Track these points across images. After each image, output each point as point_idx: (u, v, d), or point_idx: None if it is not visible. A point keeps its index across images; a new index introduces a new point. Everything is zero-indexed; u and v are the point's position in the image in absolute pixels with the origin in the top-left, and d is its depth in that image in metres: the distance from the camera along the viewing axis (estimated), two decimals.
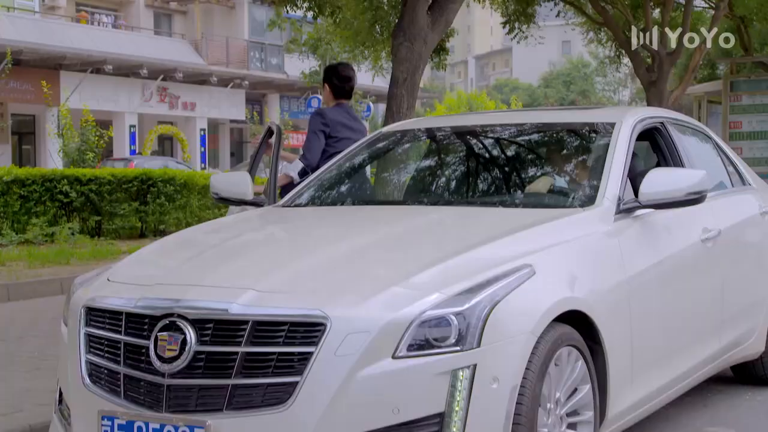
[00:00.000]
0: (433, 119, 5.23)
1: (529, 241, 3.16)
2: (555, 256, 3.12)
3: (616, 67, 23.00)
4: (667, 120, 4.45)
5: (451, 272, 2.84)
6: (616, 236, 3.48)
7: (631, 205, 3.62)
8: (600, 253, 3.35)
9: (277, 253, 3.29)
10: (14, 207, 11.85)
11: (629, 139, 3.90)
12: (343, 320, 2.63)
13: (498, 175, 4.40)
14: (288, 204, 4.32)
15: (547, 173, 4.17)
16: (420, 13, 9.09)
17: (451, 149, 4.75)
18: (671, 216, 3.84)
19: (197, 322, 2.75)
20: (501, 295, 2.75)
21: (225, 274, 3.02)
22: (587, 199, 3.63)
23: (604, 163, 3.74)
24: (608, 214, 3.51)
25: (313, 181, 4.49)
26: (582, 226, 3.41)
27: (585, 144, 4.22)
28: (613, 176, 3.66)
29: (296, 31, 29.75)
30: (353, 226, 3.66)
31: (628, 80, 56.53)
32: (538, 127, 4.43)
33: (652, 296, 3.56)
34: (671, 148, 4.29)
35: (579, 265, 3.18)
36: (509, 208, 3.78)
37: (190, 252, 3.44)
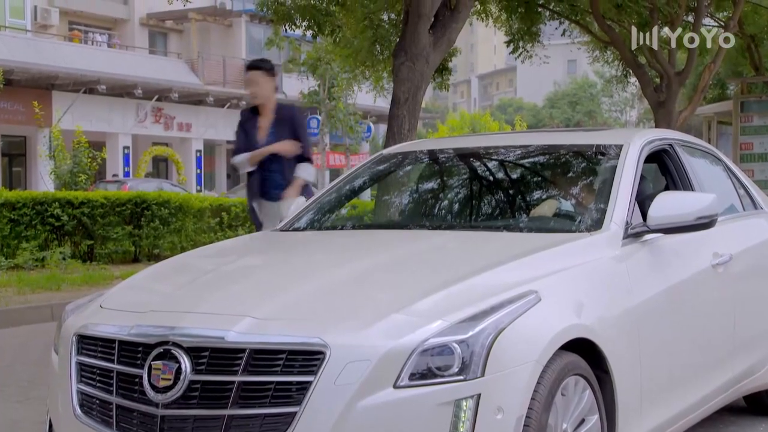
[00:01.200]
0: (436, 141, 5.25)
1: (535, 266, 3.16)
2: (561, 282, 3.12)
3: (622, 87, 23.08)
4: (676, 142, 4.47)
5: (454, 299, 2.83)
6: (624, 261, 3.47)
7: (640, 230, 3.62)
8: (607, 279, 3.35)
9: (275, 279, 3.28)
10: (4, 231, 11.86)
11: (637, 161, 3.91)
12: (342, 348, 2.62)
13: (502, 198, 4.41)
14: (286, 228, 4.34)
15: (553, 197, 4.18)
16: (422, 32, 9.14)
17: (453, 172, 4.76)
18: (681, 241, 3.84)
19: (192, 350, 2.75)
20: (506, 322, 2.74)
21: (221, 301, 3.01)
22: (594, 223, 3.63)
23: (611, 187, 3.74)
24: (616, 238, 3.51)
25: (312, 204, 4.51)
26: (589, 251, 3.41)
27: (591, 167, 4.22)
28: (620, 200, 3.66)
29: (295, 50, 29.91)
30: (353, 251, 3.67)
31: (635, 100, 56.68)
32: (544, 149, 4.44)
33: (661, 323, 3.55)
34: (680, 170, 4.30)
35: (586, 292, 3.18)
36: (514, 232, 3.78)
37: (185, 278, 3.45)
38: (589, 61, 22.72)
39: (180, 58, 34.33)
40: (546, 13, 15.72)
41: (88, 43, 32.35)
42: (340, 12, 13.30)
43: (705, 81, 15.74)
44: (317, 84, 32.15)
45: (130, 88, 29.14)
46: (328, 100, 32.15)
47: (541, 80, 75.55)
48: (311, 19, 13.04)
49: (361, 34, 13.93)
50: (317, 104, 32.50)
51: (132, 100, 30.14)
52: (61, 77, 27.39)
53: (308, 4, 13.03)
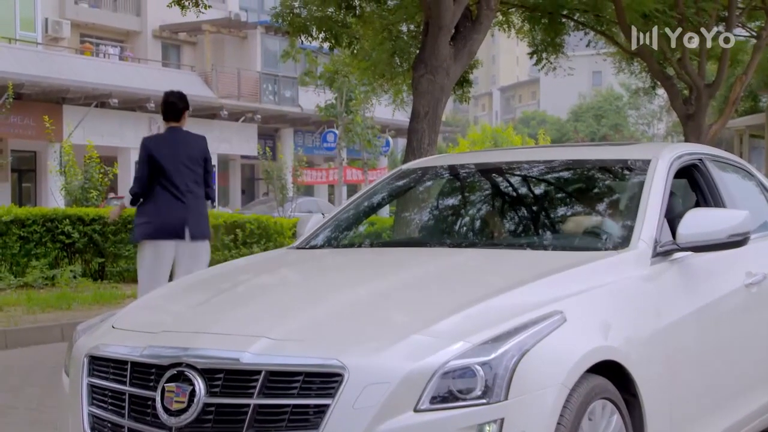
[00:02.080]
0: (457, 156, 5.27)
1: (560, 286, 3.15)
2: (587, 302, 3.11)
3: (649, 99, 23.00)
4: (707, 156, 4.45)
5: (477, 319, 2.83)
6: (653, 281, 3.47)
7: (669, 248, 3.61)
8: (636, 299, 3.33)
9: (292, 298, 3.30)
10: (13, 249, 11.94)
11: (666, 176, 3.91)
12: (361, 370, 2.62)
13: (525, 215, 4.41)
14: (303, 245, 4.36)
15: (579, 213, 4.18)
16: (442, 44, 9.17)
17: (475, 188, 4.77)
18: (712, 259, 3.82)
19: (207, 372, 2.75)
20: (530, 343, 2.73)
21: (236, 321, 3.02)
22: (621, 241, 3.62)
23: (639, 203, 3.74)
24: (644, 257, 3.50)
25: (330, 221, 4.52)
26: (616, 269, 3.40)
27: (618, 182, 4.22)
28: (649, 217, 3.65)
29: (311, 62, 30.06)
30: (372, 270, 3.68)
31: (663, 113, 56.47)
32: (569, 164, 4.44)
33: (692, 345, 3.53)
34: (711, 186, 4.29)
35: (613, 312, 3.17)
36: (538, 250, 3.79)
37: (199, 297, 3.46)
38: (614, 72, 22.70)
39: (193, 71, 34.56)
40: (570, 24, 15.72)
41: (99, 55, 32.64)
42: (357, 23, 13.36)
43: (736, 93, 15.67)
44: (334, 97, 32.25)
45: (143, 102, 29.36)
46: (346, 113, 32.24)
47: (565, 92, 75.46)
48: (328, 30, 13.10)
49: (379, 46, 13.98)
50: (334, 118, 32.60)
51: (144, 114, 30.35)
52: (72, 91, 27.63)
53: (325, 15, 13.09)
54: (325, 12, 13.12)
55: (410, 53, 13.68)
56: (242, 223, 14.33)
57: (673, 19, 13.97)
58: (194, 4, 11.83)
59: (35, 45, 29.52)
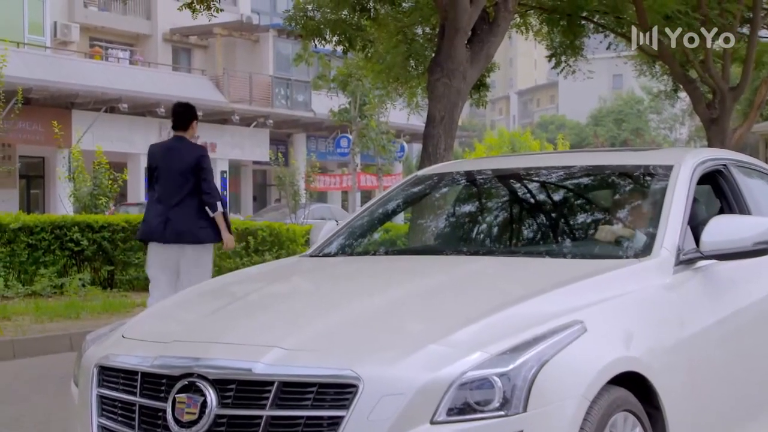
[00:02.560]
0: (473, 162, 5.27)
1: (580, 295, 3.15)
2: (608, 312, 3.10)
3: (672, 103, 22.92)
4: (731, 162, 4.45)
5: (495, 329, 2.82)
6: (676, 290, 3.46)
7: (692, 256, 3.61)
8: (658, 309, 3.33)
9: (306, 308, 3.31)
10: (21, 256, 12.00)
11: (689, 182, 3.91)
12: (376, 381, 2.63)
13: (544, 222, 4.41)
14: (317, 253, 4.37)
15: (599, 221, 4.16)
16: (458, 47, 9.18)
17: (492, 194, 4.78)
18: (737, 268, 3.82)
19: (218, 382, 2.76)
20: (549, 354, 2.73)
21: (249, 330, 3.03)
22: (643, 249, 3.62)
23: (662, 210, 3.73)
24: (667, 265, 3.50)
25: (343, 228, 4.53)
26: (638, 278, 3.40)
27: (640, 189, 4.21)
28: (671, 224, 3.65)
29: (324, 66, 30.16)
30: (387, 278, 3.69)
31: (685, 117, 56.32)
32: (588, 170, 4.44)
33: (716, 356, 3.52)
34: (736, 192, 4.29)
35: (635, 322, 3.16)
36: (557, 258, 3.78)
37: (211, 305, 3.47)
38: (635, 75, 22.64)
39: (204, 75, 34.70)
40: (590, 26, 15.70)
41: (109, 60, 32.81)
42: (372, 26, 13.38)
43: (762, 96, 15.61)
44: (348, 101, 32.32)
45: (153, 107, 29.49)
46: (360, 118, 32.30)
47: (584, 96, 75.33)
48: (342, 33, 13.13)
49: (394, 49, 14.01)
50: (348, 123, 32.67)
51: (154, 119, 30.48)
52: (81, 96, 27.79)
53: (338, 18, 13.12)
54: (339, 15, 13.15)
55: (425, 56, 13.69)
56: (254, 230, 14.35)
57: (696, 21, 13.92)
58: (206, 7, 11.89)
59: (44, 49, 29.71)
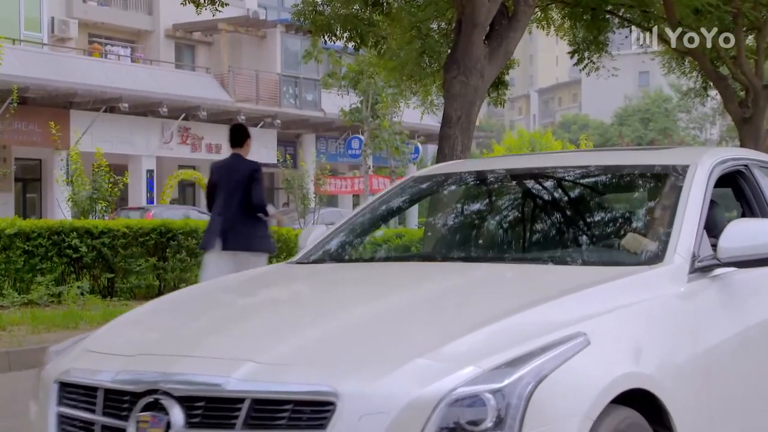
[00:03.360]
0: (475, 162, 5.20)
1: (585, 304, 3.05)
2: (615, 323, 3.00)
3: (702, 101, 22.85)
4: (753, 162, 4.34)
5: (490, 341, 2.73)
6: (691, 299, 3.35)
7: (709, 263, 3.50)
8: (671, 320, 3.22)
9: (285, 319, 3.20)
10: (17, 264, 12.04)
11: (706, 184, 3.79)
12: (357, 398, 2.54)
13: (550, 227, 4.34)
14: (304, 260, 4.29)
15: (609, 225, 4.11)
16: (476, 43, 9.16)
17: (494, 197, 4.70)
18: (758, 276, 3.72)
19: (186, 399, 2.67)
20: (548, 369, 2.64)
21: (221, 343, 2.93)
22: (655, 255, 3.50)
23: (675, 213, 3.62)
24: (681, 273, 3.39)
25: (333, 233, 4.45)
26: (649, 287, 3.29)
27: (653, 190, 4.12)
28: (686, 228, 3.54)
29: (335, 63, 30.18)
30: (376, 287, 3.62)
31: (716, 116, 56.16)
32: (598, 171, 4.35)
33: (734, 373, 3.44)
34: (758, 195, 4.18)
35: (644, 334, 3.05)
36: (561, 265, 3.68)
37: (184, 316, 3.39)
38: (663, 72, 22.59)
39: (209, 73, 34.79)
40: (614, 20, 15.67)
41: (109, 57, 32.94)
42: (384, 21, 13.40)
43: None
44: (359, 100, 32.34)
45: (155, 106, 29.56)
46: (372, 118, 32.32)
47: (608, 94, 75.18)
48: (353, 29, 13.15)
49: (407, 45, 14.03)
50: (359, 122, 32.68)
51: (156, 119, 30.57)
52: (79, 95, 27.88)
53: (350, 13, 13.14)
54: (350, 9, 13.17)
55: (441, 53, 13.70)
56: None
57: (728, 14, 13.88)
58: (210, 1, 11.92)
59: (41, 46, 29.83)
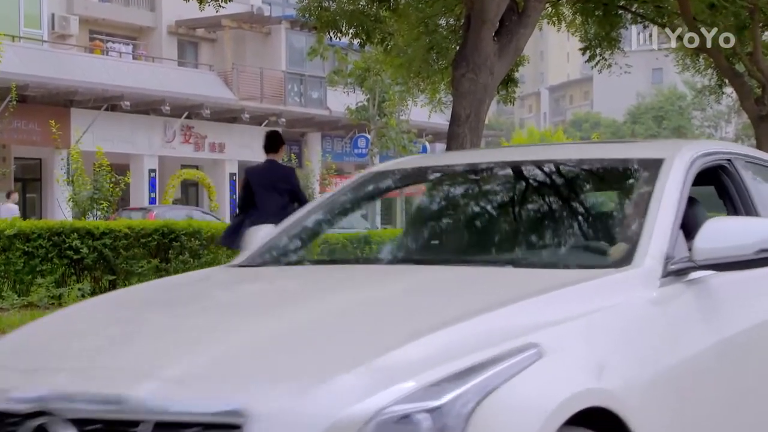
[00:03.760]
0: (435, 156, 4.98)
1: (540, 311, 2.79)
2: (574, 333, 2.74)
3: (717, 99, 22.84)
4: (738, 157, 4.09)
5: (429, 353, 2.46)
6: (663, 306, 3.09)
7: (684, 266, 3.23)
8: (639, 329, 2.95)
9: (204, 328, 2.90)
10: (17, 265, 12.08)
11: (683, 179, 3.54)
12: (272, 419, 2.30)
13: (510, 226, 4.07)
14: (245, 263, 3.99)
15: (573, 223, 3.91)
16: (485, 40, 9.17)
17: (453, 194, 4.49)
18: (740, 280, 3.47)
19: (78, 423, 2.41)
20: (493, 385, 2.39)
21: (126, 357, 2.66)
22: (624, 257, 3.24)
23: (647, 211, 3.37)
24: (652, 276, 3.13)
25: (281, 233, 4.18)
26: (615, 292, 3.03)
27: (624, 186, 3.89)
28: (659, 228, 3.28)
29: (341, 60, 30.19)
30: (312, 293, 3.35)
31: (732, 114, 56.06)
32: (566, 165, 4.12)
33: (713, 388, 3.16)
34: (742, 192, 3.94)
35: (608, 345, 2.80)
36: (520, 267, 3.43)
37: (97, 323, 3.15)
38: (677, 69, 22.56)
39: (212, 71, 34.85)
40: (627, 16, 15.66)
41: (110, 54, 33.00)
42: (391, 17, 13.42)
43: None
44: (366, 98, 32.37)
45: (157, 105, 29.62)
46: (378, 116, 32.35)
47: (621, 92, 75.11)
48: (359, 25, 13.17)
49: (415, 42, 14.04)
50: (366, 121, 32.71)
51: (159, 118, 30.62)
52: (80, 93, 27.94)
53: (356, 8, 13.17)
54: (356, 5, 13.20)
55: (449, 49, 13.71)
56: None
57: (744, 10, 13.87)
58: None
59: (41, 43, 29.91)
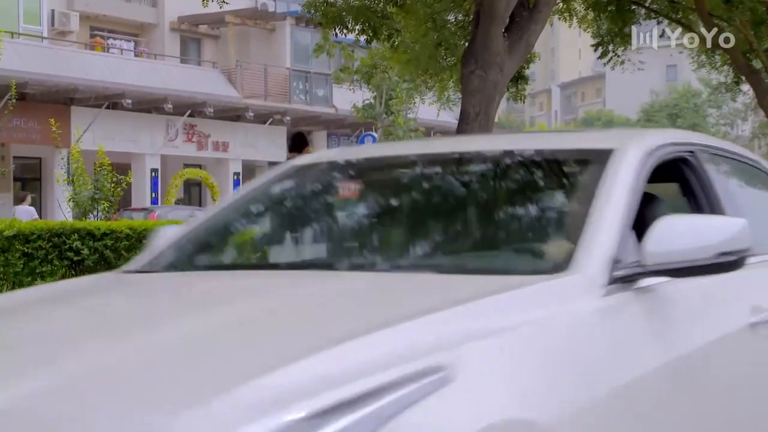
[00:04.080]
0: (358, 149, 4.49)
1: (456, 325, 2.33)
2: (495, 351, 2.30)
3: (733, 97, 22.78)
4: (702, 149, 3.68)
5: (312, 378, 2.01)
6: (606, 318, 2.68)
7: (632, 271, 2.80)
8: (575, 346, 2.53)
9: (47, 349, 2.41)
10: (16, 266, 12.09)
11: (636, 173, 3.12)
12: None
13: (434, 227, 3.60)
14: (141, 268, 3.57)
15: (506, 223, 3.52)
16: (495, 36, 9.15)
17: (372, 191, 4.05)
18: (699, 288, 3.05)
19: None
20: (387, 415, 1.98)
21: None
22: (562, 260, 2.80)
23: (591, 208, 2.95)
24: (593, 283, 2.70)
25: (185, 235, 3.76)
26: (548, 302, 2.60)
27: (567, 181, 3.53)
28: (604, 227, 2.85)
29: (347, 57, 30.21)
30: (193, 306, 2.87)
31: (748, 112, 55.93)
32: (498, 157, 3.68)
33: (664, 416, 2.75)
34: (707, 188, 3.53)
35: (536, 365, 2.36)
36: (443, 274, 2.99)
37: None
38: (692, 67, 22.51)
39: (215, 68, 34.89)
40: (641, 11, 15.64)
41: (111, 51, 33.06)
42: (398, 13, 13.42)
43: None
44: (372, 96, 32.36)
45: (159, 103, 29.67)
46: (386, 114, 32.33)
47: (634, 89, 75.02)
48: (365, 21, 13.17)
49: (423, 38, 14.04)
50: (373, 119, 32.70)
51: (161, 116, 30.66)
52: (81, 90, 28.00)
53: (362, 4, 13.17)
54: (363, 1, 13.19)
55: (458, 46, 13.71)
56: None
57: (761, 5, 13.84)
58: None
59: (40, 40, 29.98)
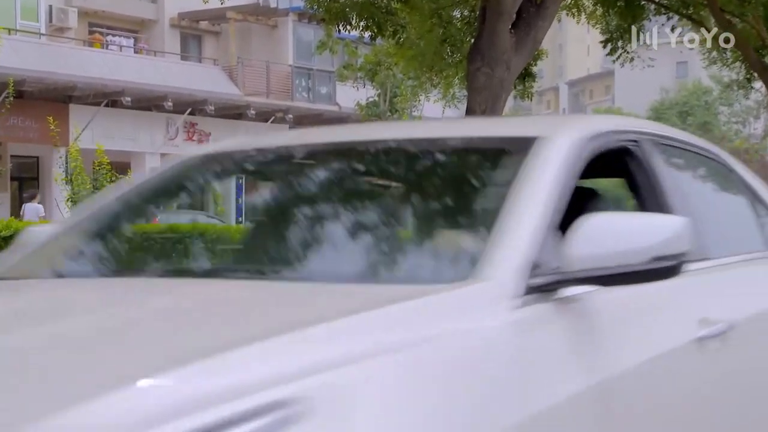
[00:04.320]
0: (251, 140, 3.90)
1: (319, 348, 1.96)
2: (371, 378, 1.93)
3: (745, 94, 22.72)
4: (648, 137, 3.24)
5: (130, 412, 1.69)
6: (519, 334, 2.28)
7: (552, 279, 2.40)
8: (475, 371, 2.12)
9: None
10: None
11: (562, 165, 2.71)
12: None
13: (320, 229, 3.13)
14: (4, 274, 3.16)
15: (403, 223, 3.15)
16: (501, 33, 9.13)
17: (260, 187, 3.75)
18: (633, 298, 2.65)
19: None
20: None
21: None
22: (467, 266, 2.42)
23: (504, 205, 2.55)
24: (503, 293, 2.30)
25: (54, 236, 3.36)
26: (447, 316, 2.20)
27: (480, 173, 3.07)
28: (519, 227, 2.46)
29: (350, 54, 30.19)
30: (36, 317, 2.46)
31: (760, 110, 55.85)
32: (401, 147, 3.20)
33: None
34: (652, 183, 3.10)
35: (425, 394, 1.97)
36: (323, 283, 2.58)
37: None
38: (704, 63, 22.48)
39: (216, 65, 34.88)
40: (650, 7, 15.60)
41: (110, 48, 33.07)
42: (403, 9, 13.40)
43: None
44: (377, 93, 32.34)
45: (159, 100, 29.66)
46: (390, 112, 32.32)
47: (644, 86, 74.95)
48: (369, 17, 13.15)
49: (428, 34, 14.02)
50: (377, 117, 32.68)
51: (161, 114, 30.65)
52: (79, 88, 28.00)
53: (366, 0, 13.14)
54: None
55: (463, 42, 13.69)
56: None
57: None
58: None
59: (38, 36, 29.98)
